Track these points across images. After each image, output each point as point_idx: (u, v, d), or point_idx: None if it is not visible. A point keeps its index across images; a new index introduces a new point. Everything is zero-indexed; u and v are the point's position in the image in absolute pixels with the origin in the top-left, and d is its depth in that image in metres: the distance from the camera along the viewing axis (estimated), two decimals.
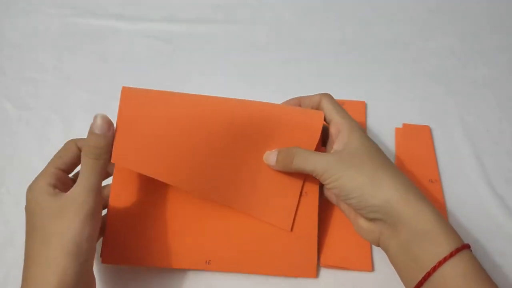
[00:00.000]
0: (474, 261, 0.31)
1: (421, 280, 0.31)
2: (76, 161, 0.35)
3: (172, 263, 0.38)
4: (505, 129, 0.49)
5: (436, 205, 0.42)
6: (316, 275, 0.39)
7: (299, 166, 0.36)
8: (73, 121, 0.49)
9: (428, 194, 0.44)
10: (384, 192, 0.33)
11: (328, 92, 0.40)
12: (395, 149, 0.47)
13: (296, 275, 0.39)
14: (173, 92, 0.38)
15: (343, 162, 0.34)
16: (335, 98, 0.50)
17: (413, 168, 0.45)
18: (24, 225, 0.32)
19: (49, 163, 0.35)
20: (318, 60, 0.55)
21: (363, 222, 0.35)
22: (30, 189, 0.33)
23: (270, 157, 0.38)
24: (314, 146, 0.38)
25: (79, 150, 0.35)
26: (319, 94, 0.39)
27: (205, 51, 0.56)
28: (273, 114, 0.38)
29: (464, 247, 0.31)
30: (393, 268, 0.34)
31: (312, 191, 0.39)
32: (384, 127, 0.49)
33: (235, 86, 0.51)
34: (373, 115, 0.50)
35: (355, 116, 0.49)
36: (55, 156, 0.35)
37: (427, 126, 0.49)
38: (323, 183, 0.36)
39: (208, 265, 0.38)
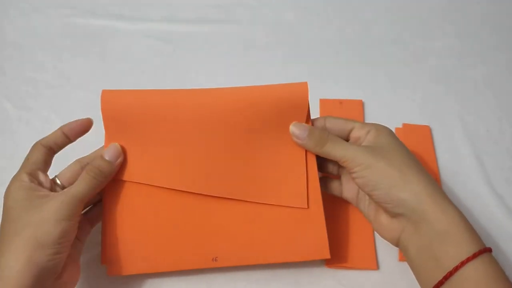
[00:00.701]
0: (496, 265, 0.31)
1: (441, 280, 0.30)
2: (45, 159, 0.36)
3: (178, 265, 0.37)
4: (505, 129, 0.49)
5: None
6: (329, 254, 0.37)
7: (329, 151, 0.36)
8: None
9: None
10: (413, 186, 0.32)
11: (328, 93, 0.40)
12: None
13: (309, 258, 0.37)
14: (152, 90, 0.38)
15: (374, 154, 0.34)
16: (335, 98, 0.51)
17: None
18: None
19: (20, 168, 0.36)
20: (318, 60, 0.55)
21: (385, 219, 0.35)
22: (6, 191, 0.34)
23: (299, 130, 0.37)
24: (305, 117, 0.37)
25: (45, 148, 0.37)
26: (321, 117, 0.39)
27: (205, 51, 0.56)
28: (258, 96, 0.38)
29: (486, 250, 0.31)
30: (397, 266, 0.34)
31: (310, 167, 0.38)
32: None
33: (235, 86, 0.51)
34: (373, 115, 0.50)
35: (353, 115, 0.49)
36: (24, 160, 0.37)
37: (427, 126, 0.49)
38: (351, 171, 0.35)
39: (215, 262, 0.37)
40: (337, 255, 0.39)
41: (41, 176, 0.35)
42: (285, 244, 0.37)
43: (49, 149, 0.37)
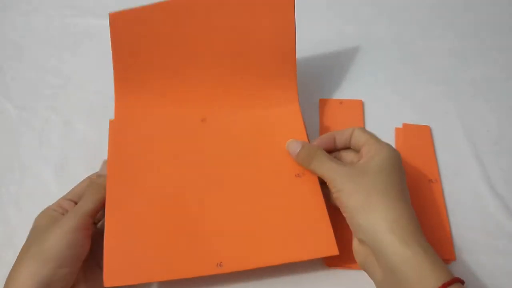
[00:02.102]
0: None
1: None
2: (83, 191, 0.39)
3: (182, 272, 0.35)
4: (505, 129, 0.49)
5: (436, 205, 0.43)
6: (338, 252, 0.36)
7: (314, 169, 0.37)
8: (73, 121, 0.49)
9: (428, 194, 0.44)
10: (375, 215, 0.32)
11: (328, 93, 0.40)
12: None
13: (317, 256, 0.36)
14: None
15: (351, 176, 0.34)
16: (335, 97, 0.51)
17: (413, 168, 0.45)
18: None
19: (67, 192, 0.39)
20: (318, 59, 0.55)
21: (355, 244, 0.35)
22: (40, 212, 0.37)
23: (293, 146, 0.39)
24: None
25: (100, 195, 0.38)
26: (351, 128, 0.39)
27: None
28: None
29: (454, 281, 0.29)
30: None
31: (308, 170, 0.39)
32: (384, 127, 0.49)
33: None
34: (373, 115, 0.50)
35: (353, 115, 0.49)
36: (73, 188, 0.39)
37: (427, 126, 0.49)
38: (331, 190, 0.36)
39: (220, 268, 0.35)
40: (337, 255, 0.39)
41: (71, 208, 0.37)
42: (292, 244, 0.37)
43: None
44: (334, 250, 0.36)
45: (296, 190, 0.39)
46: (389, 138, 0.48)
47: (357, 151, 0.38)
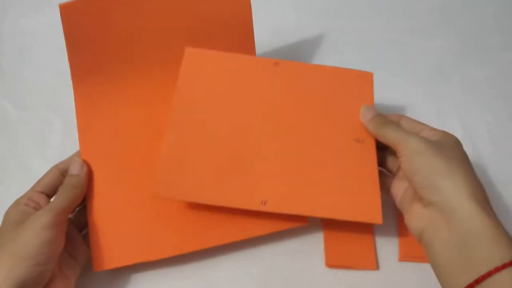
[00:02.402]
0: None
1: (472, 283, 0.28)
2: (55, 182, 0.39)
3: (227, 200, 0.36)
4: (505, 129, 0.49)
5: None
6: (382, 221, 0.36)
7: (386, 133, 0.37)
8: (73, 121, 0.49)
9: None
10: (456, 179, 0.32)
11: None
12: None
13: (359, 219, 0.36)
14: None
15: (428, 143, 0.34)
16: None
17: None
18: None
19: (33, 185, 0.39)
20: (318, 59, 0.55)
21: (417, 208, 0.34)
22: (9, 207, 0.36)
23: (369, 111, 0.40)
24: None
25: (58, 172, 0.39)
26: (398, 114, 0.41)
27: None
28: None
29: None
30: (397, 266, 0.34)
31: (369, 138, 0.39)
32: None
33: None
34: None
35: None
36: (38, 180, 0.39)
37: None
38: (400, 155, 0.35)
39: (264, 205, 0.36)
40: (337, 255, 0.40)
41: (43, 201, 0.37)
42: (339, 201, 0.37)
43: (63, 172, 0.39)
44: (378, 219, 0.36)
45: (352, 154, 0.39)
46: None
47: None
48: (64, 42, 0.42)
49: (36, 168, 0.46)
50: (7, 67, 0.54)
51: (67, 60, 0.43)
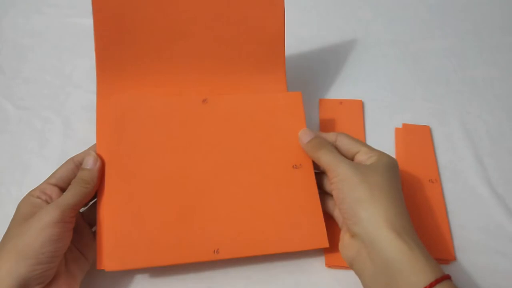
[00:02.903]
0: None
1: None
2: (69, 175, 0.38)
3: (179, 258, 0.36)
4: (505, 129, 0.49)
5: (436, 205, 0.43)
6: (328, 244, 0.37)
7: (320, 156, 0.37)
8: (73, 121, 0.49)
9: (428, 194, 0.44)
10: (375, 209, 0.32)
11: (328, 93, 0.40)
12: (395, 149, 0.47)
13: (308, 248, 0.37)
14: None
15: (356, 170, 0.34)
16: (334, 98, 0.51)
17: (413, 168, 0.45)
18: None
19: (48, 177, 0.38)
20: (318, 59, 0.55)
21: (347, 238, 0.35)
22: (22, 198, 0.36)
23: (306, 134, 0.40)
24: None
25: (73, 164, 0.38)
26: (335, 132, 0.40)
27: None
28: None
29: (445, 278, 0.30)
30: None
31: (306, 162, 0.39)
32: (384, 127, 0.49)
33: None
34: (373, 115, 0.50)
35: (353, 115, 0.49)
36: (52, 173, 0.38)
37: (427, 126, 0.49)
38: (330, 181, 0.36)
39: (217, 254, 0.36)
40: (337, 255, 0.39)
41: (55, 194, 0.36)
42: (285, 235, 0.37)
43: (78, 165, 0.38)
44: (324, 243, 0.37)
45: (292, 181, 0.39)
46: (389, 138, 0.48)
47: (347, 157, 0.38)
48: (93, 32, 0.41)
49: (36, 168, 0.46)
50: (7, 67, 0.54)
51: (93, 53, 0.44)
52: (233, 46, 0.43)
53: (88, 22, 0.59)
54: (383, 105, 0.51)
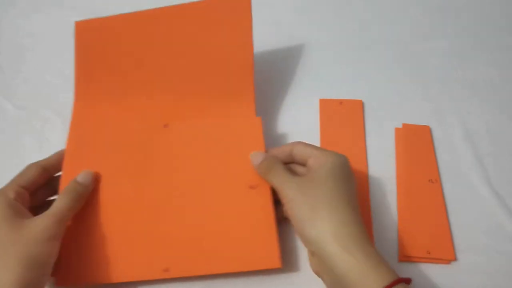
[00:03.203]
0: None
1: None
2: (37, 180, 0.37)
3: (128, 276, 0.37)
4: (505, 129, 0.49)
5: (436, 205, 0.43)
6: (281, 264, 0.37)
7: (271, 179, 0.37)
8: None
9: (428, 194, 0.44)
10: (321, 225, 0.32)
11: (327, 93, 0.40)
12: (395, 149, 0.47)
13: (259, 268, 0.37)
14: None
15: (298, 187, 0.35)
16: (334, 98, 0.51)
17: (413, 168, 0.45)
18: None
19: (9, 181, 0.36)
20: (318, 59, 0.55)
21: (308, 252, 0.36)
22: None
23: (257, 157, 0.39)
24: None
25: (41, 169, 0.38)
26: (291, 142, 0.40)
27: None
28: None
29: (398, 282, 0.30)
30: (397, 267, 0.35)
31: (263, 183, 0.39)
32: (383, 127, 0.49)
33: None
34: (372, 115, 0.50)
35: (353, 115, 0.49)
36: (16, 175, 0.37)
37: (427, 126, 0.49)
38: (282, 201, 0.36)
39: (166, 273, 0.36)
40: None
41: (26, 197, 0.36)
42: (237, 254, 0.38)
43: (45, 170, 0.38)
44: (277, 263, 0.37)
45: (248, 202, 0.39)
46: (389, 138, 0.48)
47: (303, 165, 0.38)
48: (74, 56, 0.45)
49: None
50: (7, 67, 0.54)
51: (73, 71, 0.44)
52: (202, 73, 0.45)
53: None
54: (383, 105, 0.51)
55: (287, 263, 0.39)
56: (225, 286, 0.39)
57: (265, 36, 0.57)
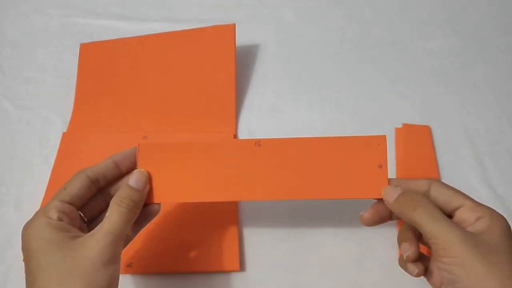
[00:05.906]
0: None
1: None
2: (85, 193, 0.32)
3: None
4: (505, 129, 0.49)
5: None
6: (240, 268, 0.39)
7: (418, 220, 0.30)
8: None
9: None
10: None
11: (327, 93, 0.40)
12: (395, 149, 0.47)
13: (220, 270, 0.39)
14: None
15: (475, 249, 0.27)
16: (334, 97, 0.51)
17: (413, 168, 0.45)
18: (23, 225, 0.29)
19: (53, 196, 0.31)
20: (318, 60, 0.55)
21: None
22: (27, 226, 0.29)
23: (391, 192, 0.32)
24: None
25: (90, 180, 0.32)
26: (427, 179, 0.33)
27: None
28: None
29: None
30: (397, 267, 0.35)
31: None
32: (384, 127, 0.49)
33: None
34: (372, 115, 0.50)
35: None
36: (60, 188, 0.31)
37: (427, 126, 0.49)
38: (438, 259, 0.29)
39: (129, 268, 0.38)
40: None
41: (74, 213, 0.30)
42: (199, 255, 0.39)
43: (94, 182, 0.32)
44: (235, 267, 0.39)
45: (213, 208, 0.41)
46: (389, 138, 0.48)
47: (444, 211, 0.31)
48: (76, 73, 0.51)
49: (36, 168, 0.46)
50: (7, 67, 0.54)
51: (75, 84, 0.43)
52: (188, 93, 0.49)
53: (88, 22, 0.59)
54: (383, 105, 0.51)
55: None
56: (225, 286, 0.39)
57: (265, 36, 0.57)
